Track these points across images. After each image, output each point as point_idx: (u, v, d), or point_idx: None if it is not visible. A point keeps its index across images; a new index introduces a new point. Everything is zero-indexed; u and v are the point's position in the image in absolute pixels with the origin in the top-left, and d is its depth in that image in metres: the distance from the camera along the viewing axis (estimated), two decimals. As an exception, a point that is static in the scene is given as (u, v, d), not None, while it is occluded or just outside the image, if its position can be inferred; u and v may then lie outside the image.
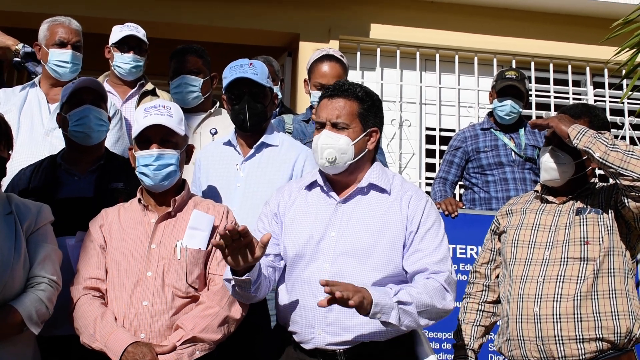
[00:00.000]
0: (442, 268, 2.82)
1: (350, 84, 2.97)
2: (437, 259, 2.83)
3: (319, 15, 6.79)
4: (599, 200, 3.15)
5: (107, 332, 2.92)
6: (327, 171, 2.93)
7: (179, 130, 3.13)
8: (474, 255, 4.42)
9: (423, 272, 2.81)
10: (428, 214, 2.89)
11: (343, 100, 2.91)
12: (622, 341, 3.00)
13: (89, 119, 3.47)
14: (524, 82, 4.88)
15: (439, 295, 2.76)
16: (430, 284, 2.76)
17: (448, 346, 4.28)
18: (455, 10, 6.96)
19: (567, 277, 3.04)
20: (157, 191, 3.14)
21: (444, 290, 2.79)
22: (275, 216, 3.02)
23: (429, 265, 2.81)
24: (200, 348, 2.96)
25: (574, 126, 3.01)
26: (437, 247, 2.86)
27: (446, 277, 2.81)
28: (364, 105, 2.92)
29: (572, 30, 7.03)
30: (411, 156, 6.95)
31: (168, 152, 3.10)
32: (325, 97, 2.95)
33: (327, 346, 2.79)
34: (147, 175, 3.09)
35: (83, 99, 3.50)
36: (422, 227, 2.87)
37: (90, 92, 3.54)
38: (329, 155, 2.86)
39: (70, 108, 3.49)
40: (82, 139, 3.49)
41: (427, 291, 2.73)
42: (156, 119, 3.08)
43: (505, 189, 4.75)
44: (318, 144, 2.89)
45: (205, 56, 4.50)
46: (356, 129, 2.90)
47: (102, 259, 3.10)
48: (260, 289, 2.83)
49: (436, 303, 2.74)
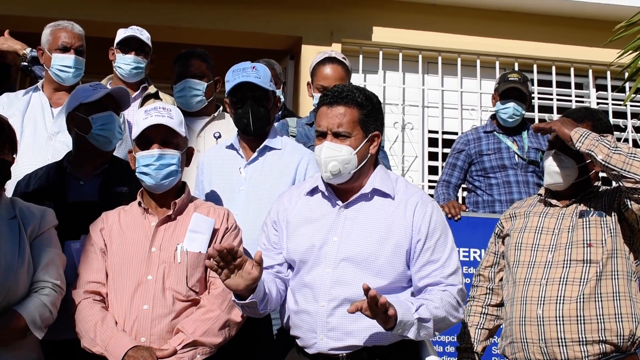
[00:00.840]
0: (454, 281, 2.85)
1: (348, 89, 2.90)
2: (450, 271, 2.85)
3: (321, 18, 6.79)
4: (602, 203, 3.15)
5: (107, 336, 2.92)
6: (332, 182, 2.90)
7: (179, 131, 3.13)
8: (477, 258, 4.41)
9: (437, 285, 2.83)
10: (436, 223, 2.88)
11: (343, 108, 2.85)
12: (625, 344, 3.00)
13: (113, 125, 3.49)
14: (527, 84, 4.87)
15: (453, 310, 2.80)
16: (445, 298, 2.78)
17: (451, 349, 4.28)
18: (458, 13, 6.96)
19: (570, 280, 3.05)
20: (158, 191, 3.13)
21: (457, 304, 2.82)
22: (275, 224, 3.02)
23: (443, 278, 2.83)
24: (201, 352, 2.96)
25: (577, 129, 3.01)
26: (448, 258, 2.86)
27: (458, 290, 2.84)
28: (364, 111, 2.87)
29: (575, 32, 7.02)
30: (414, 159, 6.95)
31: (169, 152, 3.10)
32: (324, 104, 2.89)
33: (330, 351, 2.79)
34: (148, 175, 3.08)
35: (107, 105, 3.51)
36: (431, 237, 2.86)
37: (113, 100, 3.55)
38: (333, 169, 2.83)
39: (90, 112, 3.47)
40: (103, 144, 3.49)
41: (443, 305, 2.76)
42: (157, 119, 3.08)
43: (508, 192, 4.75)
44: (321, 157, 2.84)
45: (209, 60, 4.50)
46: (358, 136, 2.86)
47: (103, 263, 3.10)
48: (270, 303, 2.83)
49: (449, 317, 2.79)
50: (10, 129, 3.04)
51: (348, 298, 2.73)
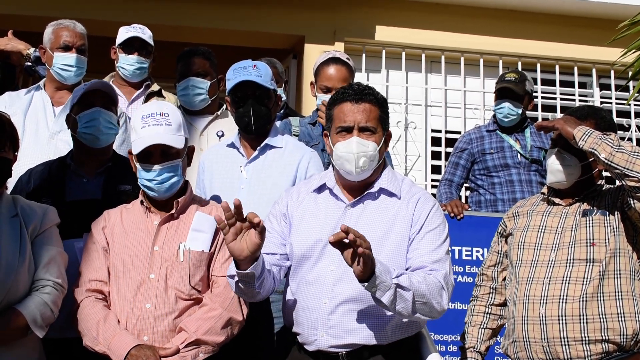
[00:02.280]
0: (440, 267, 2.80)
1: (367, 87, 2.95)
2: (436, 258, 2.82)
3: (324, 17, 6.78)
4: (606, 202, 3.14)
5: (110, 334, 2.92)
6: (354, 179, 2.90)
7: (178, 142, 3.09)
8: (479, 257, 4.41)
9: (421, 269, 2.79)
10: (433, 217, 2.89)
11: (369, 105, 2.89)
12: (628, 343, 2.99)
13: (99, 122, 3.47)
14: (524, 83, 4.83)
15: (437, 292, 2.72)
16: (429, 278, 2.73)
17: (454, 348, 4.27)
18: (461, 12, 6.95)
19: (573, 279, 3.04)
20: (162, 200, 3.14)
21: (441, 287, 2.75)
22: (284, 217, 3.02)
23: (428, 263, 2.79)
24: (204, 350, 2.96)
25: (580, 128, 3.00)
26: (436, 248, 2.84)
27: (444, 275, 2.78)
28: (383, 110, 2.94)
29: (578, 31, 7.01)
30: (417, 158, 6.94)
31: (170, 165, 3.08)
32: (347, 100, 2.90)
33: (330, 348, 2.79)
34: (152, 189, 3.09)
35: (93, 102, 3.50)
36: (425, 228, 2.86)
37: (101, 94, 3.53)
38: (364, 165, 2.85)
39: (81, 110, 3.49)
40: (90, 141, 3.49)
41: (427, 283, 2.69)
42: (155, 132, 3.05)
43: (511, 191, 4.74)
44: (353, 152, 2.84)
45: (212, 59, 4.49)
46: (380, 133, 2.91)
47: (105, 261, 3.10)
48: (264, 285, 2.79)
49: (432, 298, 2.69)
50: (11, 127, 3.03)
51: (350, 296, 2.74)
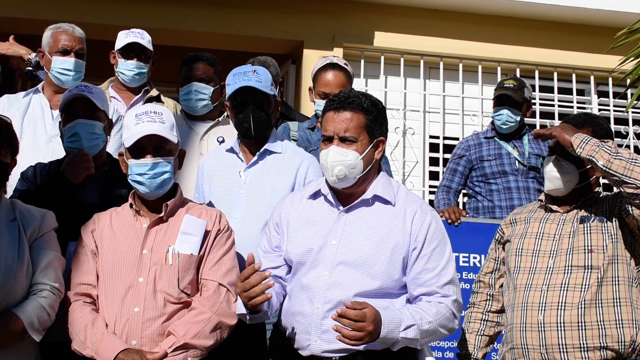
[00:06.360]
0: (449, 292, 2.85)
1: (355, 94, 2.93)
2: (445, 280, 2.86)
3: (323, 22, 6.79)
4: (603, 208, 3.15)
5: (97, 339, 2.91)
6: (337, 186, 2.92)
7: (171, 138, 3.10)
8: (477, 264, 4.41)
9: (432, 295, 2.84)
10: (434, 232, 2.89)
11: (350, 113, 2.88)
12: (626, 350, 2.99)
13: (79, 136, 3.45)
14: (522, 90, 4.83)
15: (448, 322, 2.83)
16: (441, 311, 2.81)
17: (451, 355, 4.27)
18: (460, 18, 6.96)
19: (571, 286, 3.04)
20: (152, 199, 3.12)
21: (452, 315, 2.84)
22: (277, 226, 3.03)
23: (438, 288, 2.84)
24: (192, 354, 2.93)
25: (577, 135, 3.01)
26: (444, 267, 2.87)
27: (453, 301, 2.85)
28: (370, 117, 2.90)
29: (577, 39, 7.02)
30: (415, 164, 6.94)
31: (162, 161, 3.07)
32: (330, 109, 2.91)
33: (323, 353, 2.80)
34: (143, 184, 3.06)
35: (76, 112, 3.48)
36: (428, 245, 2.87)
37: (83, 103, 3.49)
38: (339, 173, 2.85)
39: (65, 121, 3.49)
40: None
41: (438, 319, 2.78)
42: (148, 126, 3.05)
43: (508, 198, 4.74)
44: (328, 161, 2.86)
45: (216, 65, 4.48)
46: (364, 141, 2.89)
47: (94, 265, 3.09)
48: (273, 308, 2.89)
49: (442, 330, 2.81)
50: (9, 131, 3.02)
51: (343, 301, 2.73)
